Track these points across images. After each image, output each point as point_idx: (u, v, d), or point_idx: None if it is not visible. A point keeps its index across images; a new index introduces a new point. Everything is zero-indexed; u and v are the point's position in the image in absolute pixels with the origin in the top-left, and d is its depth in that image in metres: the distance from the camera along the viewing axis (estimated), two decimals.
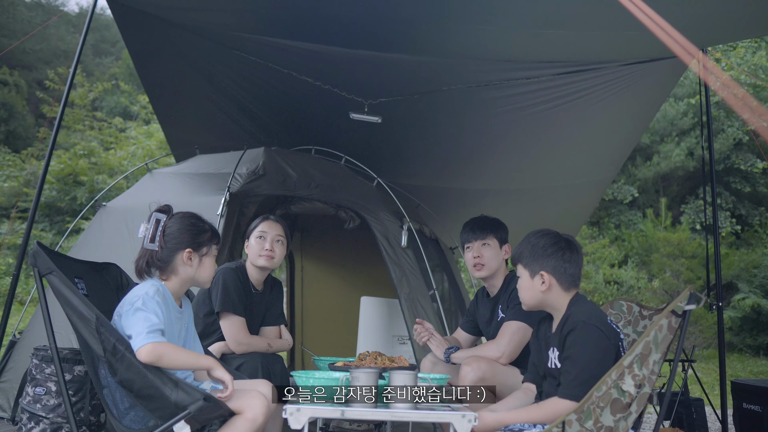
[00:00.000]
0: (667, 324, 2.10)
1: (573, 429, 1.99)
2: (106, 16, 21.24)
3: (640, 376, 2.04)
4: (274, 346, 3.23)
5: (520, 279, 2.38)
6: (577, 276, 2.33)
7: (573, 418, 1.99)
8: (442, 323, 4.26)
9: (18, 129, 18.14)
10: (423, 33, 4.20)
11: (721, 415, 4.80)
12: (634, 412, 2.05)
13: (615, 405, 2.02)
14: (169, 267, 2.40)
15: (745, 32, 5.04)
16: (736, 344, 11.36)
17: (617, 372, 2.03)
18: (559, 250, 2.32)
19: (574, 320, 2.19)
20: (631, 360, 2.04)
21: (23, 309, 6.59)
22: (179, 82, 5.29)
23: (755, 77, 12.35)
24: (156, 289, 2.32)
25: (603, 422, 2.00)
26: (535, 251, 2.33)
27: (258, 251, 3.19)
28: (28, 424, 3.06)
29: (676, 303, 2.10)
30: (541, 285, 2.30)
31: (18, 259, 4.22)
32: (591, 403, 2.00)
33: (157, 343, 2.14)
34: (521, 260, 2.37)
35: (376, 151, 5.60)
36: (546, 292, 2.30)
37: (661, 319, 2.09)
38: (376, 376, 2.15)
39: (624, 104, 5.25)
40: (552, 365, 2.29)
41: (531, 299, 2.36)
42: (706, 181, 5.35)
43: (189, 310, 2.59)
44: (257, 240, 3.21)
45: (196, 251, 2.43)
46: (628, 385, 2.03)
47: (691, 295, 2.12)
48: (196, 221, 2.49)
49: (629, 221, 15.51)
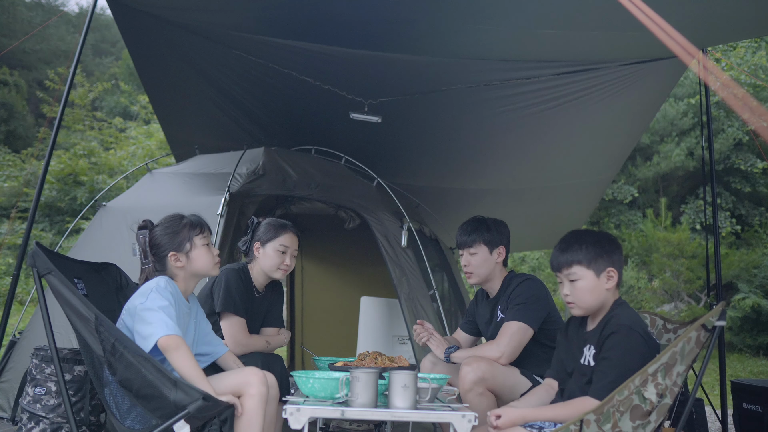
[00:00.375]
0: (696, 337, 2.07)
1: (591, 429, 1.96)
2: (106, 16, 21.26)
3: (663, 385, 2.01)
4: (272, 343, 3.23)
5: (580, 282, 2.23)
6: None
7: (592, 419, 1.96)
8: (442, 323, 4.26)
9: (18, 129, 18.15)
10: (423, 33, 4.20)
11: (721, 415, 4.79)
12: (653, 422, 2.02)
13: (635, 411, 1.99)
14: (168, 272, 2.50)
15: (745, 32, 5.04)
16: (736, 344, 11.36)
17: (641, 378, 2.00)
18: (618, 246, 2.27)
19: (618, 323, 2.14)
20: (655, 368, 2.01)
21: (23, 309, 6.59)
22: (179, 82, 5.29)
23: (755, 77, 12.34)
24: (166, 280, 2.41)
25: (621, 427, 1.97)
26: (598, 249, 2.23)
27: (277, 264, 3.16)
28: (28, 424, 3.06)
29: (708, 318, 2.07)
30: (607, 282, 2.22)
31: (18, 259, 4.22)
32: (611, 406, 1.97)
33: (177, 336, 2.24)
34: (580, 262, 2.23)
35: (376, 151, 5.60)
36: (610, 290, 2.23)
37: (691, 332, 2.06)
38: (376, 376, 2.15)
39: (624, 104, 5.25)
40: (586, 362, 2.24)
41: (595, 301, 2.23)
42: (706, 181, 5.34)
43: (197, 308, 2.63)
44: (277, 253, 3.16)
45: (179, 251, 2.49)
46: (650, 393, 2.00)
47: (723, 312, 2.09)
48: (172, 222, 2.54)
49: (629, 221, 15.50)
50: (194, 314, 2.58)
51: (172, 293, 2.37)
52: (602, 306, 2.25)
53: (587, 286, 2.23)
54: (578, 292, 2.24)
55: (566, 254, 2.26)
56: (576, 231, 2.36)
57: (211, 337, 2.66)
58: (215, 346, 2.67)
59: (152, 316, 2.25)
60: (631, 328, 2.11)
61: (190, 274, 2.52)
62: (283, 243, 3.18)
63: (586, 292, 2.23)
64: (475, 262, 3.08)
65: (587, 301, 2.24)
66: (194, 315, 2.58)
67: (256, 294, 3.24)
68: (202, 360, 2.62)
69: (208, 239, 2.58)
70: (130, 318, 2.30)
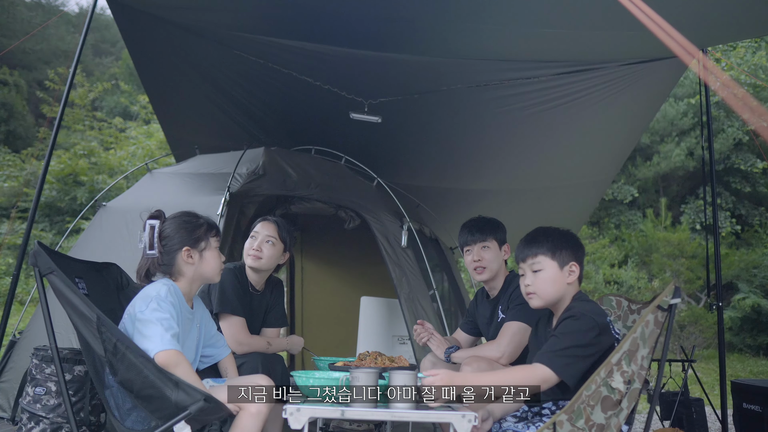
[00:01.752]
0: (653, 319, 2.10)
1: (564, 429, 1.97)
2: (106, 16, 21.26)
3: (629, 372, 2.04)
4: (273, 345, 3.23)
5: (544, 272, 2.28)
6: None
7: (564, 418, 1.98)
8: (442, 323, 4.26)
9: (18, 129, 18.15)
10: (423, 33, 4.20)
11: (721, 415, 4.80)
12: (626, 408, 2.05)
13: (605, 402, 2.01)
14: (174, 269, 2.43)
15: (745, 32, 5.04)
16: (736, 344, 11.36)
17: (606, 370, 2.02)
18: (582, 245, 2.33)
19: (573, 312, 2.19)
20: (619, 357, 2.03)
21: (23, 309, 6.60)
22: (179, 82, 5.29)
23: (755, 77, 12.35)
24: (168, 288, 2.33)
25: (594, 420, 2.00)
26: (563, 242, 2.30)
27: (247, 250, 3.22)
28: (28, 424, 3.06)
29: (662, 298, 2.10)
30: (569, 276, 2.28)
31: (18, 259, 4.22)
32: (581, 402, 1.99)
33: (176, 351, 2.17)
34: (545, 252, 2.29)
35: (376, 151, 5.60)
36: (571, 283, 2.28)
37: (647, 315, 2.09)
38: (376, 376, 2.15)
39: (624, 104, 5.25)
40: None
41: (555, 293, 2.28)
42: (706, 181, 5.35)
43: (201, 312, 2.60)
44: (248, 240, 3.24)
45: (194, 248, 2.45)
46: (617, 382, 2.02)
47: (676, 289, 2.12)
48: (190, 218, 2.50)
49: (629, 221, 15.51)
50: (198, 319, 2.54)
51: (173, 302, 2.30)
52: (562, 299, 2.29)
53: (550, 277, 2.28)
54: (540, 283, 2.29)
55: (532, 245, 2.34)
56: (543, 227, 2.42)
57: (216, 339, 2.65)
58: (218, 348, 2.66)
59: (149, 329, 2.19)
60: (584, 314, 2.15)
61: (197, 276, 2.47)
62: (255, 229, 3.25)
63: (548, 282, 2.28)
64: (488, 256, 3.09)
65: (548, 292, 2.28)
66: (198, 320, 2.53)
67: (253, 291, 3.24)
68: (204, 362, 2.61)
69: (217, 245, 2.56)
70: (131, 324, 2.28)
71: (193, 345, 2.49)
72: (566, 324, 2.15)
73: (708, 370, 9.33)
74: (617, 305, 2.52)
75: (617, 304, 2.52)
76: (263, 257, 3.18)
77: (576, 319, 2.14)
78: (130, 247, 3.91)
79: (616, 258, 14.46)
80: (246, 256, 3.21)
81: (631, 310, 2.47)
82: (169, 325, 2.22)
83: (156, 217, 2.45)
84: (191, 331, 2.46)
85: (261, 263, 3.18)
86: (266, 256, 3.18)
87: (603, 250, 14.57)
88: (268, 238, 3.21)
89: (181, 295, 2.41)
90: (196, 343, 2.51)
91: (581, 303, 2.24)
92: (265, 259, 3.18)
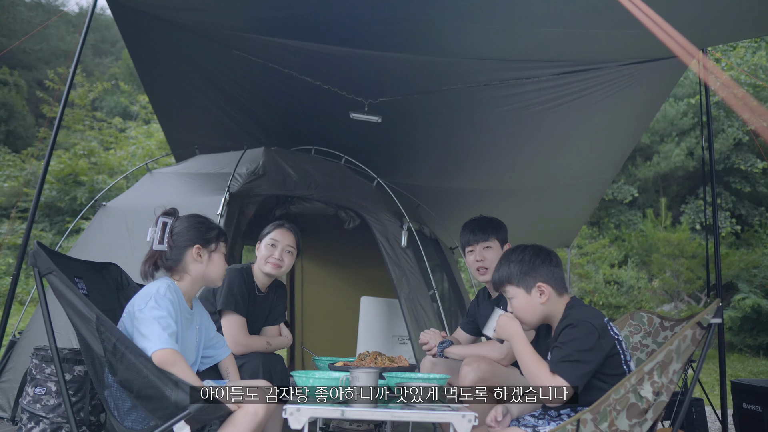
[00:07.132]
0: (692, 335, 2.10)
1: (587, 428, 1.98)
2: (106, 16, 21.24)
3: (659, 383, 2.04)
4: (273, 344, 3.24)
5: (515, 300, 2.29)
6: (564, 279, 2.33)
7: (588, 418, 1.98)
8: (442, 323, 4.26)
9: (18, 129, 18.15)
10: (423, 33, 4.20)
11: (721, 415, 4.79)
12: (650, 420, 2.04)
13: (632, 410, 2.01)
14: (180, 266, 2.44)
15: (745, 32, 5.04)
16: (736, 344, 11.36)
17: (637, 377, 2.02)
18: (546, 258, 2.31)
19: (570, 320, 2.19)
20: (651, 367, 2.04)
21: (23, 309, 6.60)
22: (179, 82, 5.29)
23: (755, 77, 12.34)
24: (167, 285, 2.35)
25: (618, 426, 1.99)
26: (524, 267, 2.29)
27: (266, 256, 3.23)
28: (28, 424, 3.06)
29: (703, 315, 2.11)
30: (540, 297, 2.26)
31: (18, 259, 4.22)
32: (608, 405, 1.99)
33: (173, 350, 2.17)
34: (510, 281, 2.30)
35: (376, 151, 5.60)
36: (546, 303, 2.25)
37: (686, 330, 2.09)
38: (376, 376, 2.15)
39: (624, 104, 5.25)
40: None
41: (533, 316, 2.27)
42: (706, 181, 5.34)
43: (201, 313, 2.60)
44: (267, 247, 3.24)
45: (204, 247, 2.47)
46: (646, 392, 2.02)
47: (719, 309, 2.12)
48: (203, 219, 2.55)
49: (629, 221, 15.51)
50: (197, 320, 2.54)
51: (172, 300, 2.30)
52: (552, 314, 2.29)
53: (521, 304, 2.28)
54: (516, 310, 2.30)
55: (498, 274, 2.35)
56: (510, 249, 2.41)
57: (216, 340, 2.65)
58: (218, 349, 2.66)
59: (147, 328, 2.20)
60: (581, 320, 2.15)
61: (200, 276, 2.48)
62: (273, 237, 3.25)
63: (521, 309, 2.29)
64: (491, 256, 3.09)
65: (526, 317, 2.29)
66: (197, 321, 2.54)
67: (258, 293, 3.26)
68: (204, 362, 2.61)
69: (225, 251, 2.60)
70: (130, 322, 2.28)
71: (193, 345, 2.49)
72: (566, 333, 2.15)
73: (708, 370, 9.32)
74: (648, 322, 2.53)
75: (648, 321, 2.53)
76: (284, 266, 3.25)
77: (574, 326, 2.14)
78: (130, 247, 3.91)
79: (616, 258, 14.46)
80: (264, 263, 3.22)
81: (663, 326, 2.48)
82: (167, 323, 2.22)
83: (170, 214, 2.48)
84: (190, 331, 2.47)
85: (280, 271, 3.25)
86: (286, 265, 3.26)
87: (603, 250, 14.58)
88: (288, 248, 3.26)
89: (181, 294, 2.41)
90: (196, 344, 2.51)
91: (576, 310, 2.24)
92: (284, 267, 3.26)
